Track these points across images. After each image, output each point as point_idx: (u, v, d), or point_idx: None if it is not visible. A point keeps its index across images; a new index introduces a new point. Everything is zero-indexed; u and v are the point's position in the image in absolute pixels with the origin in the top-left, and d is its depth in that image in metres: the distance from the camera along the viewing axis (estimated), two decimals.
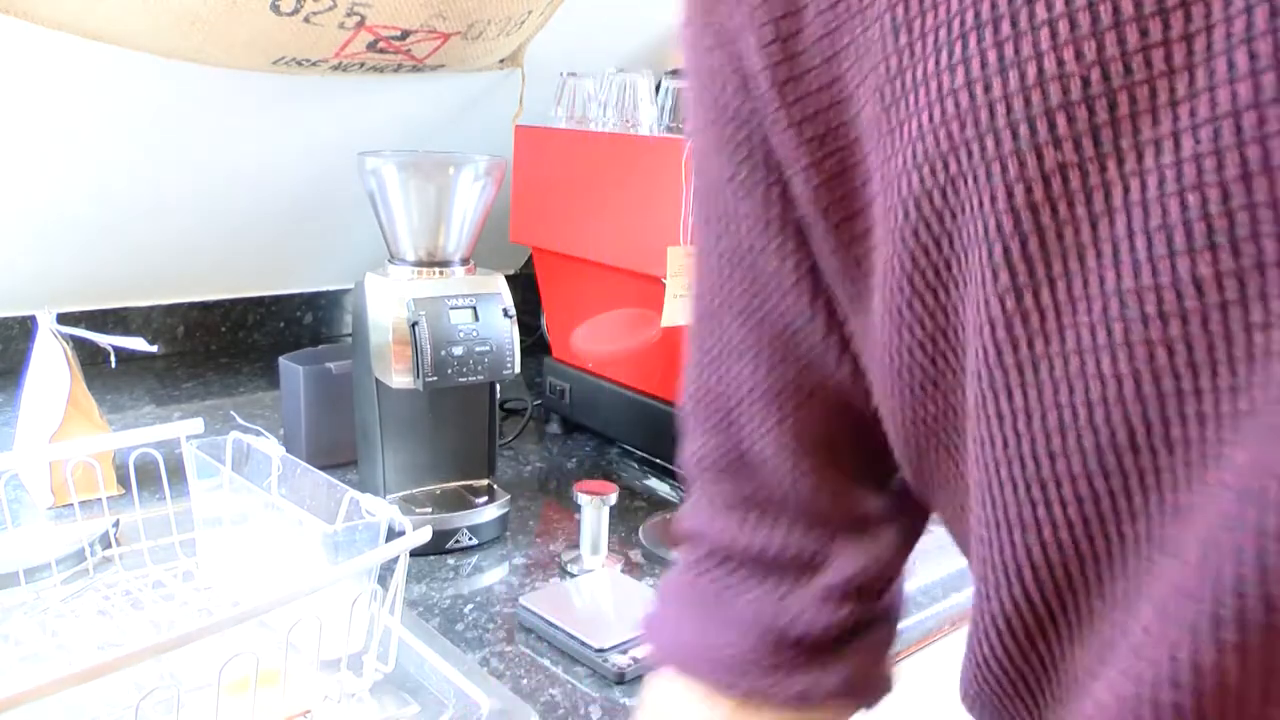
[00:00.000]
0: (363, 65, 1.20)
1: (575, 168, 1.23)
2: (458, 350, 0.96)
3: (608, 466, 1.27)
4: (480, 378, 0.98)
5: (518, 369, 1.00)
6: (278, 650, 0.68)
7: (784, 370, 0.43)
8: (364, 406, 1.02)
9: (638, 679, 0.80)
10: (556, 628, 0.84)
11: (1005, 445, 0.33)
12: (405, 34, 1.14)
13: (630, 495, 1.17)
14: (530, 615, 0.87)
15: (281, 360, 1.19)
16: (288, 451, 0.89)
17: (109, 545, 0.92)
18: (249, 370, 1.55)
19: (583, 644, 0.82)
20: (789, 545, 0.45)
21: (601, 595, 0.91)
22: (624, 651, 0.82)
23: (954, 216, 0.32)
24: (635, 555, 1.02)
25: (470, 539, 1.01)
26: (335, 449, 1.16)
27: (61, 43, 1.02)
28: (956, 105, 0.31)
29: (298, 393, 1.16)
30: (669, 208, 1.09)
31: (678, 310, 1.10)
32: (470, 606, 0.90)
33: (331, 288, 1.71)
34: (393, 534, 0.76)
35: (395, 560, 0.73)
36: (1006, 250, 0.31)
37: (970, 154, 0.31)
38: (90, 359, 1.13)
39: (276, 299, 1.66)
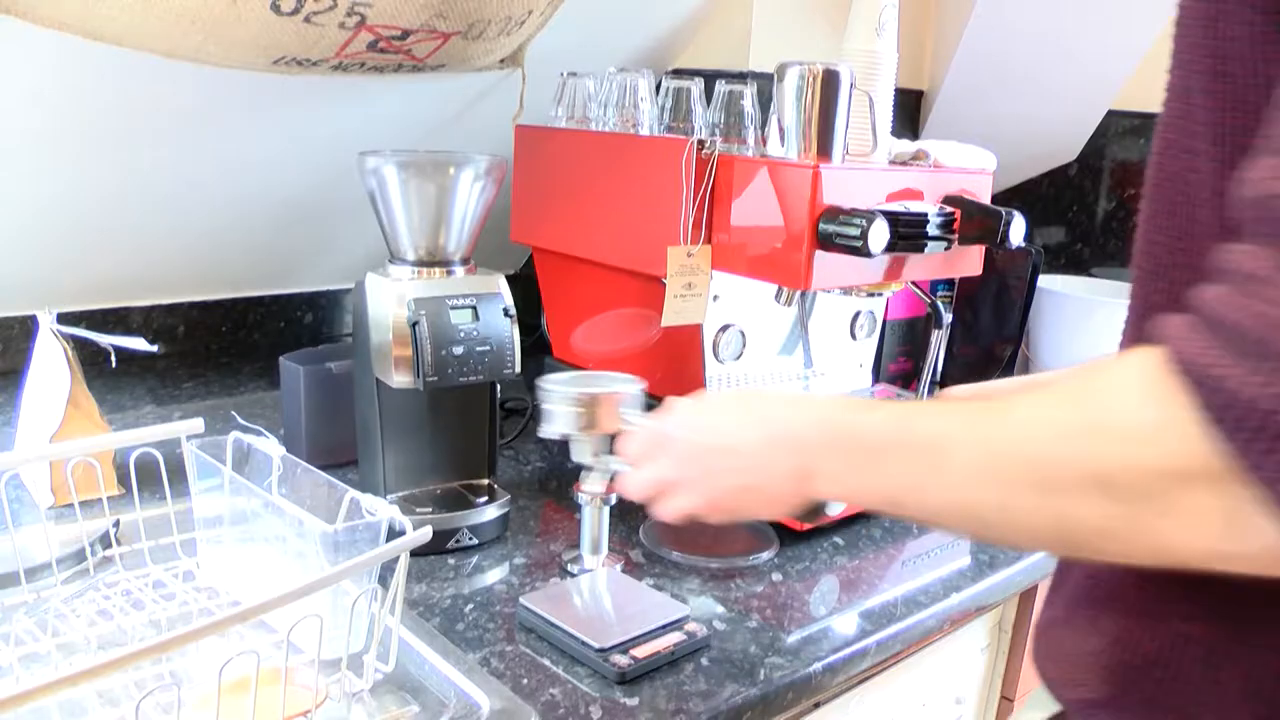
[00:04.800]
0: (363, 65, 1.20)
1: (575, 168, 1.23)
2: (458, 350, 0.96)
3: None
4: (480, 378, 0.98)
5: (518, 369, 1.00)
6: (278, 650, 0.68)
7: None
8: (364, 406, 1.03)
9: (638, 679, 0.81)
10: (557, 627, 0.84)
11: None
12: (406, 34, 1.14)
13: None
14: (530, 615, 0.87)
15: (282, 360, 1.19)
16: (288, 451, 0.89)
17: (109, 545, 0.92)
18: (249, 370, 1.55)
19: (583, 644, 0.82)
20: None
21: (602, 595, 0.91)
22: (624, 651, 0.82)
23: None
24: (635, 555, 1.02)
25: (470, 539, 1.01)
26: (335, 449, 1.17)
27: (61, 42, 1.02)
28: None
29: (298, 393, 1.16)
30: (669, 208, 1.09)
31: (678, 310, 1.10)
32: (470, 606, 0.90)
33: (331, 288, 1.71)
34: (393, 534, 0.76)
35: (395, 560, 0.73)
36: None
37: None
38: (90, 359, 1.13)
39: (276, 299, 1.66)
